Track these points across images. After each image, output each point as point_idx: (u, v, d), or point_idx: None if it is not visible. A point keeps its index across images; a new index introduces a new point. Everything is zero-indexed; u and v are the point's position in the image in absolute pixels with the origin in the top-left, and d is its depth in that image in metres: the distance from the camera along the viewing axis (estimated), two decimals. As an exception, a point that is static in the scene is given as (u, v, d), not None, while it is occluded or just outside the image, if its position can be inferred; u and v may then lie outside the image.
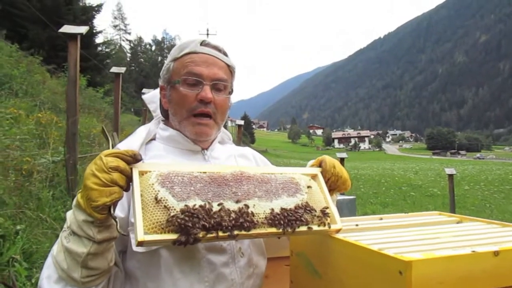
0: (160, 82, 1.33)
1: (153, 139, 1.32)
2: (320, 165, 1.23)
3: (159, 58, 55.88)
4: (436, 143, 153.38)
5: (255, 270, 1.26)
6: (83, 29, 5.01)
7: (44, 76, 10.69)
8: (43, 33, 15.52)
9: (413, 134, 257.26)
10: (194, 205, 0.95)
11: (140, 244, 0.89)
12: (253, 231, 1.00)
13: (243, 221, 0.98)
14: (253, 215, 1.01)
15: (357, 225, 1.24)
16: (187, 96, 1.22)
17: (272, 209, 1.04)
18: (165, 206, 0.94)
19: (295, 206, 1.07)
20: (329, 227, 1.11)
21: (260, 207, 1.03)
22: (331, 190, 1.24)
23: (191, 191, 0.99)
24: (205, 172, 1.06)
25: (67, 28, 4.96)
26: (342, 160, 10.75)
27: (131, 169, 0.96)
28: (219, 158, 1.33)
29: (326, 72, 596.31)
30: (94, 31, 20.23)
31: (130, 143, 1.22)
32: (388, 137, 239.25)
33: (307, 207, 1.09)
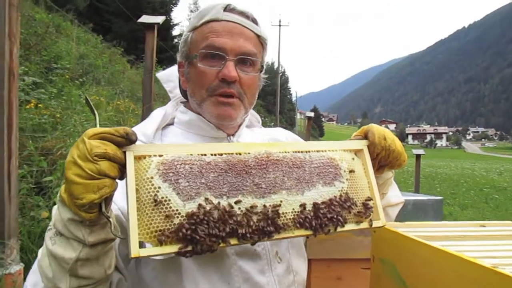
0: (178, 57, 1.12)
1: (171, 123, 1.14)
2: (366, 137, 1.01)
3: (231, 50, 56.96)
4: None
5: (296, 277, 1.08)
6: (159, 19, 5.15)
7: (124, 66, 11.32)
8: (125, 26, 16.48)
9: (498, 132, 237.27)
10: (204, 207, 0.76)
11: (135, 258, 0.72)
12: (276, 236, 0.83)
13: (265, 226, 0.80)
14: (279, 216, 0.82)
15: (452, 231, 1.05)
16: (206, 74, 1.01)
17: (303, 206, 0.86)
18: (167, 210, 0.74)
19: (331, 200, 0.89)
20: (371, 225, 0.94)
21: (289, 204, 0.85)
22: (382, 167, 1.03)
23: (202, 185, 0.78)
24: (221, 155, 0.84)
25: (145, 18, 5.12)
26: (418, 157, 10.14)
27: (124, 153, 0.75)
28: None
29: (401, 64, 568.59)
30: (171, 23, 21.04)
31: (143, 128, 1.04)
32: (469, 134, 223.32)
33: (346, 202, 0.91)
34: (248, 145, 0.89)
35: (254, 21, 1.07)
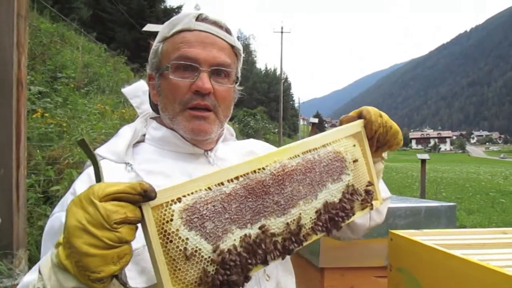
0: (148, 70, 1.06)
1: (141, 141, 1.07)
2: (360, 117, 1.00)
3: (234, 57, 57.54)
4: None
5: None
6: (164, 27, 5.21)
7: (128, 75, 11.36)
8: (129, 35, 16.62)
9: (502, 136, 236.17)
10: (235, 246, 0.75)
11: None
12: (296, 249, 0.84)
13: (289, 244, 0.81)
14: (301, 229, 0.84)
15: (472, 239, 1.03)
16: (179, 86, 0.96)
17: (318, 211, 0.87)
18: (199, 260, 0.71)
19: (341, 199, 0.91)
20: (372, 208, 0.97)
21: (306, 215, 0.86)
22: (379, 148, 1.02)
23: (226, 220, 0.75)
24: (238, 178, 0.79)
25: (149, 27, 5.18)
26: (423, 162, 10.08)
27: (140, 207, 0.66)
28: (226, 160, 1.08)
29: (404, 69, 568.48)
30: (174, 31, 21.22)
31: (112, 147, 0.98)
32: (473, 138, 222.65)
33: (353, 195, 0.93)
34: (261, 159, 0.84)
35: (228, 30, 1.03)
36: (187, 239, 0.70)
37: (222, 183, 0.78)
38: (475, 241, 1.02)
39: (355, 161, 0.96)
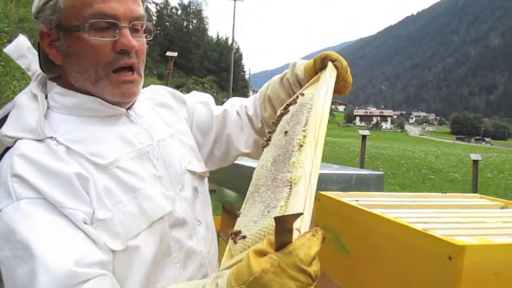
0: (43, 26, 0.92)
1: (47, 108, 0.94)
2: (326, 64, 1.06)
3: (185, 23, 55.84)
4: (461, 128, 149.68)
5: (212, 234, 1.13)
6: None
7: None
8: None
9: (438, 117, 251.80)
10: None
11: None
12: None
13: None
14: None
15: (391, 201, 1.12)
16: (100, 47, 0.89)
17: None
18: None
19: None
20: None
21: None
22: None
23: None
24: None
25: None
26: (364, 138, 10.57)
27: None
28: (144, 117, 1.05)
29: (352, 48, 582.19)
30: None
31: (23, 123, 0.87)
32: (412, 118, 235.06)
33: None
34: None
35: None
36: None
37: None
38: (394, 202, 1.12)
39: None
